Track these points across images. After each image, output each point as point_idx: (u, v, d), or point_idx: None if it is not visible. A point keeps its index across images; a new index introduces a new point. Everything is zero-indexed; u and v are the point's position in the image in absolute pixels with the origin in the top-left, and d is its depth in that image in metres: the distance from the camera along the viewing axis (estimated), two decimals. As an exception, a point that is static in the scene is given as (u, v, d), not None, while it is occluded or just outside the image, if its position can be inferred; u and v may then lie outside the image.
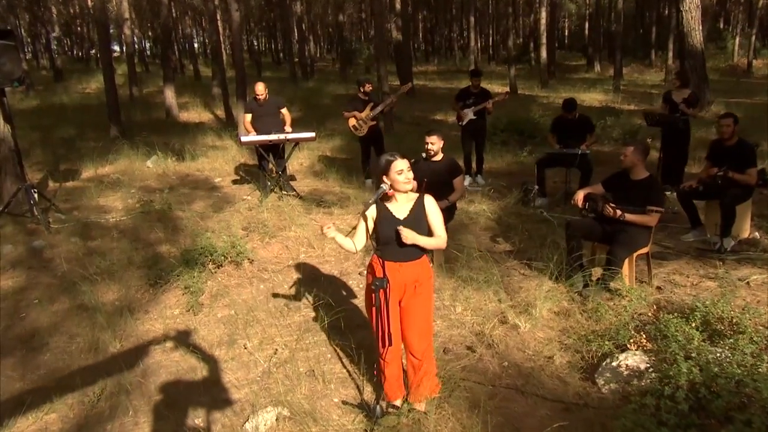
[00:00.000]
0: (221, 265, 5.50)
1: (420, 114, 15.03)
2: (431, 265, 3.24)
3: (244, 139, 7.52)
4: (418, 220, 3.15)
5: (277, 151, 7.76)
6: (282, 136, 7.49)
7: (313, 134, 7.67)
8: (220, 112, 16.25)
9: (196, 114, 16.69)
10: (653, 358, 3.35)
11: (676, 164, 7.04)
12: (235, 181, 8.89)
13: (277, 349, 4.17)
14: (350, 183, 8.39)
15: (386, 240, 3.17)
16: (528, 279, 5.04)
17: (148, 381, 3.85)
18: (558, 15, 28.99)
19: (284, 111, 7.90)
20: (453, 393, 3.44)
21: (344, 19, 29.28)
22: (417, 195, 3.20)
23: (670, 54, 19.80)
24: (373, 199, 3.04)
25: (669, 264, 5.12)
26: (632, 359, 3.33)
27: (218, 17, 16.25)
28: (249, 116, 7.77)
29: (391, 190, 3.15)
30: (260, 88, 7.61)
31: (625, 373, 3.31)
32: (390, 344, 3.20)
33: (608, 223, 4.62)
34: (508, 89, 15.74)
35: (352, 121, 8.28)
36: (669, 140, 6.95)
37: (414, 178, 4.84)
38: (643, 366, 3.28)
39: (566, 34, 41.26)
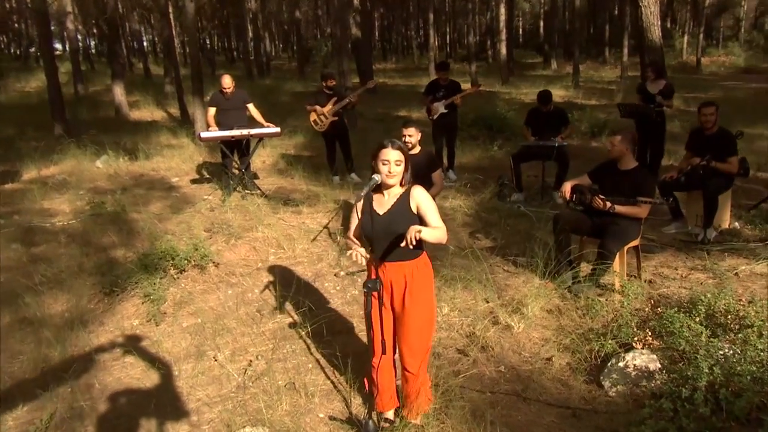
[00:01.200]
0: (184, 270, 5.06)
1: (383, 111, 14.75)
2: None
3: (204, 134, 7.05)
4: (399, 214, 2.81)
5: (240, 147, 7.32)
6: (245, 132, 7.06)
7: (278, 129, 7.27)
8: (174, 110, 15.54)
9: (148, 112, 15.92)
10: (661, 357, 3.15)
11: (652, 156, 6.99)
12: (194, 181, 8.39)
13: (251, 361, 3.80)
14: (317, 181, 8.02)
15: (366, 236, 2.86)
16: (513, 276, 4.81)
17: (106, 403, 3.42)
18: (512, 13, 29.24)
19: (251, 106, 7.47)
20: (451, 403, 3.16)
21: (300, 17, 28.68)
22: (404, 188, 2.88)
23: (625, 51, 20.19)
24: (365, 190, 2.72)
25: (654, 257, 4.99)
26: (640, 359, 3.12)
27: (170, 11, 15.51)
28: (213, 110, 7.30)
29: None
30: (227, 81, 7.16)
31: (633, 374, 3.10)
32: (384, 353, 2.89)
33: (597, 216, 4.43)
34: (470, 85, 15.63)
35: (313, 116, 7.91)
36: (643, 132, 6.87)
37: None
38: (652, 366, 3.08)
39: (521, 32, 41.82)
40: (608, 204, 4.28)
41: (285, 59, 41.94)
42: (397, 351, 3.02)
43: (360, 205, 2.82)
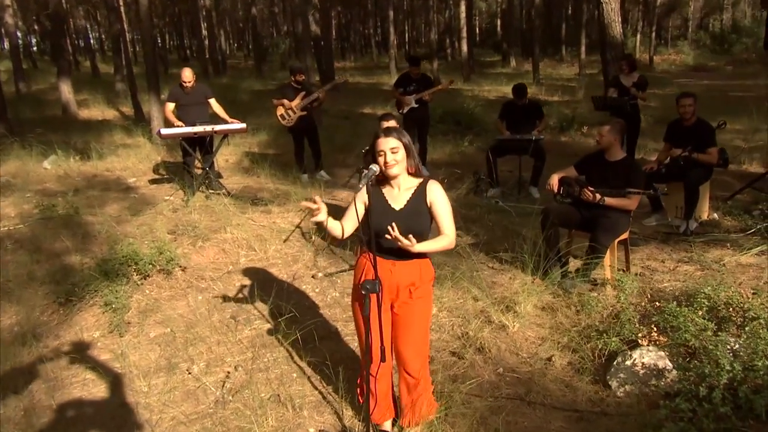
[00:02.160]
0: (148, 276, 4.69)
1: (346, 108, 14.46)
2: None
3: (164, 131, 6.61)
4: (416, 212, 2.60)
5: (204, 144, 6.93)
6: (208, 128, 6.68)
7: (243, 125, 6.91)
8: (127, 109, 14.84)
9: (98, 111, 15.15)
10: (668, 354, 3.01)
11: (627, 147, 6.98)
12: (153, 181, 7.92)
13: (229, 372, 3.49)
14: (285, 179, 7.69)
15: (378, 232, 2.62)
16: (500, 273, 4.64)
17: (62, 428, 3.06)
18: (472, 12, 29.42)
19: (213, 101, 7.09)
20: (450, 410, 2.94)
21: (256, 14, 28.06)
22: (420, 180, 2.65)
23: (583, 48, 20.51)
24: (363, 182, 2.46)
25: (639, 250, 4.91)
26: (648, 356, 2.97)
27: (120, 3, 14.80)
28: (172, 105, 6.86)
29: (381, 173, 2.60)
30: (188, 74, 6.75)
31: (642, 372, 2.95)
32: (383, 360, 2.64)
33: (586, 209, 4.30)
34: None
35: (280, 110, 7.59)
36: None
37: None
38: (661, 364, 2.93)
39: (477, 31, 42.19)
40: (598, 196, 4.15)
41: (240, 58, 41.03)
42: (393, 357, 2.79)
43: (361, 198, 2.58)
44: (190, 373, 3.49)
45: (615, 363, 3.06)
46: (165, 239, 5.28)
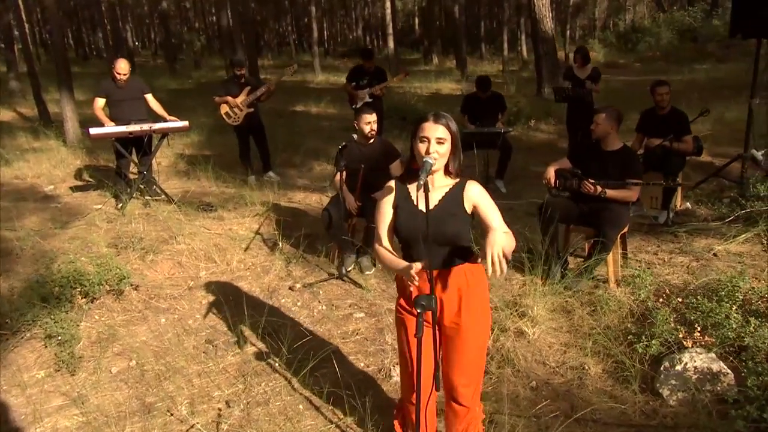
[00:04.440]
0: (95, 299, 3.99)
1: (277, 106, 13.73)
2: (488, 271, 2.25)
3: (94, 131, 5.78)
4: (449, 214, 2.20)
5: (141, 145, 6.15)
6: (146, 127, 5.93)
7: (185, 123, 6.21)
8: (27, 109, 13.32)
9: (-9, 112, 13.52)
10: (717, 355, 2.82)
11: (583, 140, 6.94)
12: (75, 188, 7.00)
13: (221, 410, 2.95)
14: (230, 181, 7.03)
15: (408, 238, 2.22)
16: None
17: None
18: (396, 9, 29.33)
19: (150, 97, 6.32)
20: (494, 435, 2.59)
21: (166, 8, 26.37)
22: (456, 180, 2.26)
23: (505, 46, 20.93)
24: (423, 177, 2.04)
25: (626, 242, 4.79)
26: (699, 360, 2.76)
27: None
28: (102, 101, 6.00)
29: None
30: (123, 66, 5.95)
31: (695, 378, 2.73)
32: (438, 389, 2.24)
33: (584, 202, 4.10)
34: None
35: (224, 108, 6.95)
36: (575, 116, 6.80)
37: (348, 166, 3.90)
38: (715, 367, 2.73)
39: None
40: (599, 188, 3.95)
41: (147, 56, 38.65)
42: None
43: (386, 200, 2.20)
44: (172, 415, 2.91)
45: (663, 368, 2.83)
46: (107, 254, 4.56)
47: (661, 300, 3.48)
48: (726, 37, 20.40)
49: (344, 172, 4.40)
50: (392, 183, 2.27)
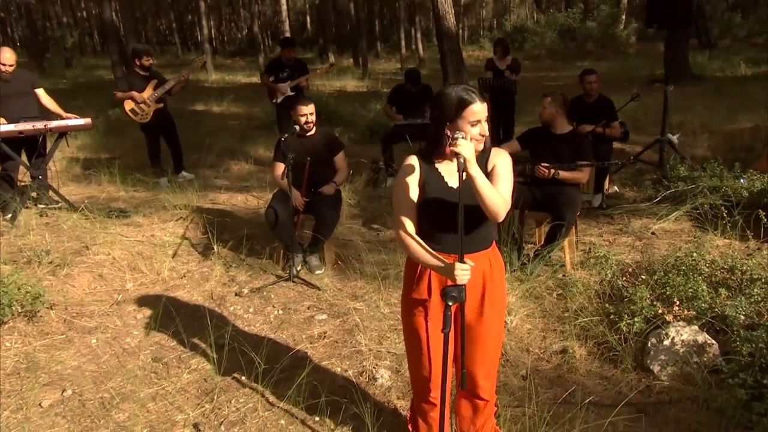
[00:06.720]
0: (3, 323, 3.37)
1: (174, 105, 12.76)
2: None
3: (-23, 130, 4.95)
4: None
5: (34, 147, 5.37)
6: (40, 125, 5.19)
7: (88, 120, 5.52)
8: None
9: None
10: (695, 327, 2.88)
11: (505, 128, 7.11)
12: (-52, 198, 6.00)
13: (190, 437, 2.55)
14: (138, 184, 6.39)
15: (438, 221, 2.01)
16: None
17: None
18: (289, 6, 28.63)
19: (41, 91, 5.54)
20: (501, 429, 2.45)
21: (27, 0, 23.86)
22: (482, 150, 2.08)
23: (403, 43, 21.17)
24: (461, 164, 1.83)
25: (566, 226, 4.88)
26: (685, 333, 2.80)
27: None
28: (-16, 96, 5.18)
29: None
30: (8, 56, 5.12)
31: (682, 351, 2.76)
32: (464, 387, 2.05)
33: (537, 187, 4.11)
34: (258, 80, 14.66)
35: (129, 105, 6.30)
36: (497, 105, 6.91)
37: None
38: (700, 339, 2.77)
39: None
40: (551, 171, 3.97)
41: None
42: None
43: (411, 179, 1.99)
44: (131, 450, 2.48)
45: (650, 344, 2.84)
46: (10, 271, 3.88)
47: (625, 279, 3.51)
48: (600, 38, 22.19)
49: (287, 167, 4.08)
50: (413, 161, 2.04)
